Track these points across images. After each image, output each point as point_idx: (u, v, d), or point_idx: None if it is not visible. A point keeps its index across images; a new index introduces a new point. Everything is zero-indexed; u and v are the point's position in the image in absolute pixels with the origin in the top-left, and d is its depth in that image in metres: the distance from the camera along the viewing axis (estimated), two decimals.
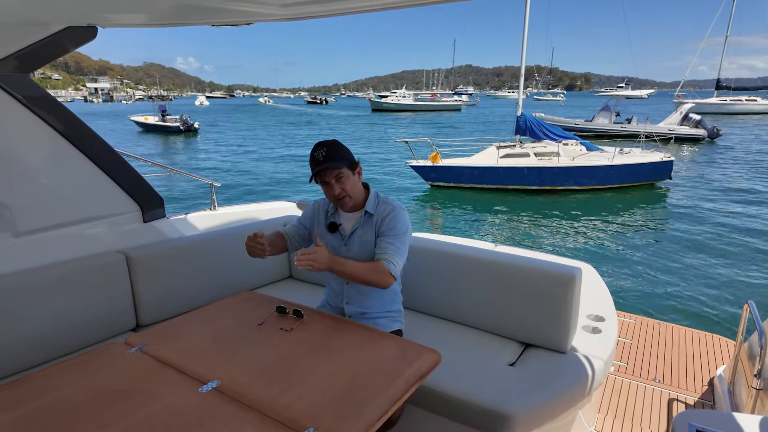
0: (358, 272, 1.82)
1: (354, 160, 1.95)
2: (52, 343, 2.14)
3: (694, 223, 10.30)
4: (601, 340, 2.28)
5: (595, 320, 2.48)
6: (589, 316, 2.52)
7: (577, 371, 2.05)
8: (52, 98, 2.29)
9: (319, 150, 1.86)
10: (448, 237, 3.48)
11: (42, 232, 2.31)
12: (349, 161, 1.91)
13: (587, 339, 2.30)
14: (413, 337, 2.14)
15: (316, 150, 1.88)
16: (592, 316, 2.52)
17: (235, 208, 3.41)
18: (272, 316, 1.82)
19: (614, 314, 2.55)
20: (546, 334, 2.20)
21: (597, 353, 2.17)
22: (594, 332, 2.36)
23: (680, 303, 6.37)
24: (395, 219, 1.93)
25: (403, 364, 1.46)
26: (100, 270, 2.31)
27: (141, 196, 2.70)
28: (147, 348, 1.61)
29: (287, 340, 1.64)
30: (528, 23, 13.31)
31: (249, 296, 2.07)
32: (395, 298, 2.13)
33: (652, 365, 3.10)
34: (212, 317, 1.86)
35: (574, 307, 2.14)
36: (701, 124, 24.70)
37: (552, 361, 2.13)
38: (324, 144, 1.88)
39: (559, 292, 2.11)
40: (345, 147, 1.93)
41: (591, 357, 2.14)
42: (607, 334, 2.35)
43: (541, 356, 2.17)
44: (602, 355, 2.17)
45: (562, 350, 2.18)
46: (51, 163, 2.32)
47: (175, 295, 2.59)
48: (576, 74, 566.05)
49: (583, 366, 2.08)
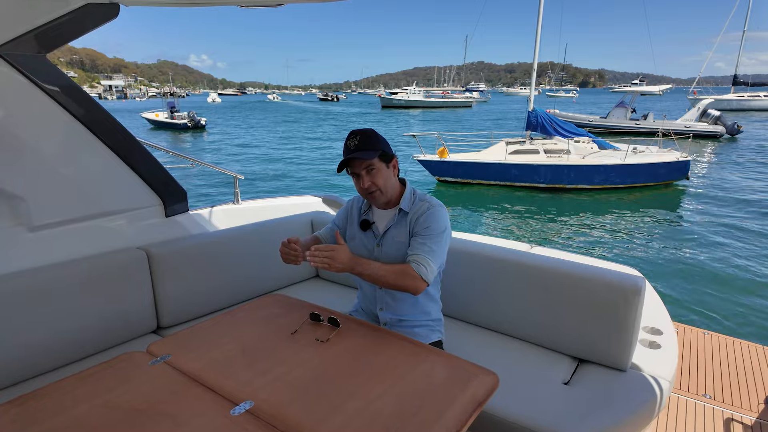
0: (383, 275, 1.65)
1: (389, 153, 1.79)
2: (68, 345, 2.01)
3: (717, 225, 9.84)
4: (662, 357, 2.07)
5: (652, 333, 2.26)
6: (645, 328, 2.29)
7: (642, 392, 1.84)
8: (71, 82, 2.10)
9: (352, 138, 1.73)
10: (479, 236, 3.28)
11: (58, 226, 2.16)
12: (383, 152, 1.76)
13: (647, 355, 2.08)
14: (454, 349, 2.01)
15: (349, 138, 1.74)
16: (648, 328, 2.29)
17: (258, 203, 3.26)
18: (306, 324, 1.68)
19: (672, 327, 2.33)
20: (603, 350, 1.99)
21: (660, 372, 1.97)
22: (652, 347, 2.15)
23: (715, 310, 5.94)
24: (431, 217, 1.77)
25: (456, 387, 1.30)
26: (120, 267, 2.18)
27: (163, 189, 2.54)
28: (171, 359, 1.47)
29: (324, 353, 1.49)
30: (542, 20, 13.06)
31: (278, 299, 1.92)
32: (434, 305, 1.96)
33: (700, 379, 2.79)
34: (240, 323, 1.72)
35: (637, 320, 1.93)
36: (720, 121, 23.98)
37: (611, 380, 1.92)
38: (358, 132, 1.74)
39: (621, 304, 1.91)
40: (381, 137, 1.79)
41: (653, 376, 1.94)
42: (667, 349, 2.13)
43: (599, 374, 1.97)
44: (665, 373, 1.97)
45: (622, 368, 1.97)
46: (69, 152, 2.15)
47: (198, 294, 2.45)
48: (590, 71, 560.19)
49: (648, 386, 1.87)
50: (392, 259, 1.79)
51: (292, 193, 3.77)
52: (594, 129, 22.84)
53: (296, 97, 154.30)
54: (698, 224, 9.91)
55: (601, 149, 13.04)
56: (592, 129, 22.64)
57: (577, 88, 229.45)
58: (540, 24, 13.15)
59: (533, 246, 3.07)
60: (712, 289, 6.66)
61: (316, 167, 18.12)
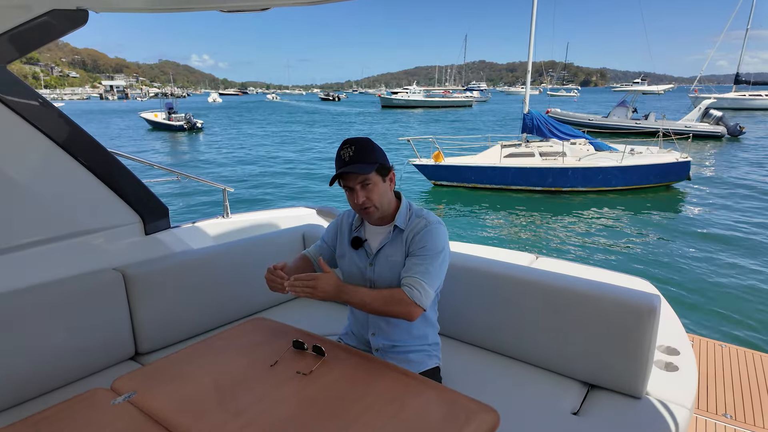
0: (372, 302, 1.54)
1: (386, 165, 1.66)
2: (34, 378, 1.87)
3: (721, 228, 9.57)
4: (680, 381, 1.91)
5: (668, 353, 2.08)
6: (660, 347, 2.10)
7: (659, 422, 1.70)
8: (37, 94, 1.99)
9: (347, 149, 1.59)
10: (478, 247, 3.16)
11: (27, 248, 2.02)
12: (380, 165, 1.62)
13: (663, 379, 1.91)
14: (452, 374, 1.90)
15: (343, 148, 1.61)
16: (663, 347, 2.11)
17: (249, 216, 3.11)
18: (288, 353, 1.53)
19: (689, 346, 2.14)
20: (616, 375, 1.84)
21: (678, 398, 1.82)
22: (669, 369, 1.99)
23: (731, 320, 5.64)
24: (428, 236, 1.63)
25: (452, 428, 1.19)
26: (93, 290, 2.04)
27: (142, 205, 2.40)
28: (136, 396, 1.35)
29: (306, 387, 1.36)
30: (538, 19, 12.99)
31: (260, 325, 1.78)
32: (430, 329, 1.83)
33: (719, 397, 2.56)
34: (217, 353, 1.59)
35: (653, 342, 1.77)
36: (722, 121, 23.73)
37: (625, 409, 1.77)
38: (352, 142, 1.60)
39: (634, 324, 1.76)
40: (378, 148, 1.65)
41: (672, 403, 1.79)
42: (686, 371, 1.96)
43: (611, 402, 1.82)
44: (685, 400, 1.81)
45: (636, 395, 1.81)
46: (36, 168, 2.02)
47: (181, 317, 2.32)
48: (592, 69, 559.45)
49: (666, 414, 1.73)
50: (386, 280, 1.67)
51: (286, 204, 3.61)
52: (594, 129, 22.62)
53: (297, 96, 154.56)
54: (702, 227, 9.65)
55: (598, 151, 12.87)
56: (593, 129, 22.43)
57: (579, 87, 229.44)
58: (534, 24, 13.09)
59: (538, 257, 2.93)
60: (724, 297, 6.36)
61: (310, 172, 17.93)
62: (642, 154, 12.70)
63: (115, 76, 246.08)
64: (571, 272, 2.10)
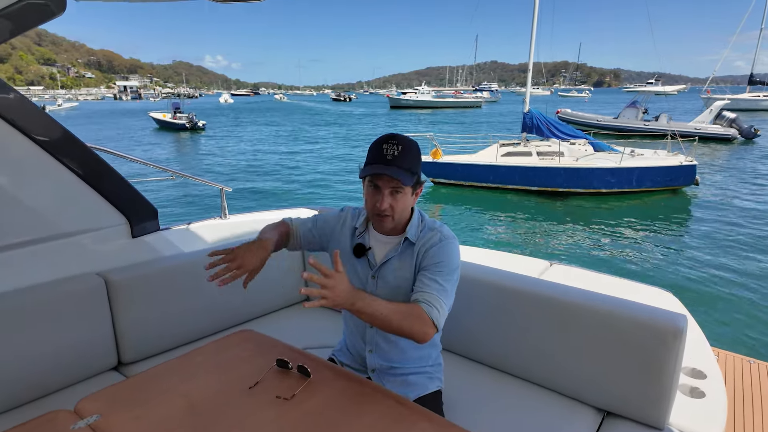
0: (390, 315, 1.33)
1: (420, 180, 1.54)
2: (11, 387, 1.77)
3: (732, 233, 9.18)
4: (707, 409, 1.71)
5: (693, 377, 1.89)
6: (685, 369, 1.90)
7: None
8: (15, 91, 1.88)
9: (393, 145, 1.43)
10: (488, 251, 2.99)
11: (3, 251, 1.92)
12: (418, 177, 1.50)
13: (689, 406, 1.73)
14: (455, 397, 1.76)
15: (387, 142, 1.44)
16: (687, 369, 1.91)
17: (248, 216, 2.97)
18: (270, 373, 1.38)
19: (717, 368, 1.93)
20: (634, 402, 1.67)
21: (705, 429, 1.63)
22: (694, 395, 1.80)
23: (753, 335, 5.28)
24: (443, 251, 1.49)
25: None
26: (73, 296, 1.93)
27: (129, 206, 2.28)
28: (100, 420, 1.22)
29: (287, 413, 1.22)
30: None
31: (246, 337, 1.64)
32: (433, 349, 1.70)
33: (747, 421, 2.30)
34: (194, 371, 1.44)
35: (677, 367, 1.59)
36: (736, 123, 23.07)
37: None
38: (399, 140, 1.45)
39: (657, 348, 1.58)
40: (420, 156, 1.51)
41: None
42: (714, 398, 1.76)
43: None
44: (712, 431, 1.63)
45: (658, 426, 1.64)
46: (14, 169, 1.94)
47: (167, 324, 2.20)
48: (605, 70, 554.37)
49: None
50: (387, 296, 1.49)
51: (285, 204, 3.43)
52: (603, 129, 22.15)
53: (308, 97, 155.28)
54: (710, 233, 9.25)
55: (597, 151, 12.56)
56: (602, 129, 21.98)
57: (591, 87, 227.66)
58: (534, 25, 12.95)
59: (552, 264, 2.78)
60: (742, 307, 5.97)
61: (311, 171, 17.81)
62: (644, 156, 12.32)
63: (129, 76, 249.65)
64: (589, 282, 1.93)
